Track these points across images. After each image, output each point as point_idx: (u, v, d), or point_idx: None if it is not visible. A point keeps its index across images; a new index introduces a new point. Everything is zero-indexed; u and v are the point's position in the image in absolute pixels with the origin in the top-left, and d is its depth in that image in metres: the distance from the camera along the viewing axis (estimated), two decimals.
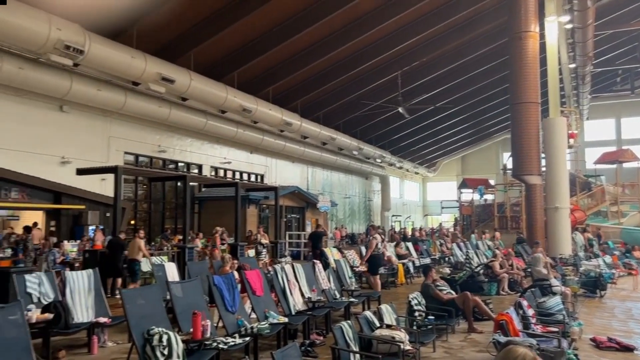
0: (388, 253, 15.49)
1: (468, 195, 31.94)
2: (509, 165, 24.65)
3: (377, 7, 19.38)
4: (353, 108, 27.73)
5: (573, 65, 25.16)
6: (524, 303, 7.49)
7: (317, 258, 13.45)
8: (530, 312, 7.51)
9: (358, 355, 5.44)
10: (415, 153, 42.24)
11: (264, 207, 24.10)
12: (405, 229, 32.39)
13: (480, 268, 13.47)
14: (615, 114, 43.10)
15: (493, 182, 33.81)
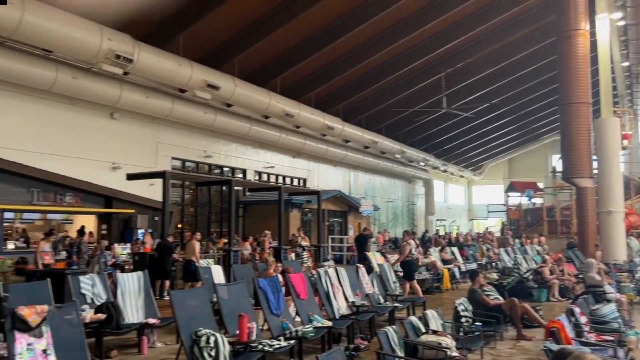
0: (433, 258, 15.30)
1: (516, 199, 31.14)
2: (559, 168, 23.94)
3: (420, 8, 19.19)
4: (395, 111, 27.50)
5: (626, 64, 24.23)
6: (576, 310, 7.21)
7: (362, 261, 13.37)
8: (583, 319, 7.22)
9: None
10: (460, 156, 41.49)
11: (307, 210, 24.21)
12: (450, 234, 31.86)
13: (530, 274, 13.10)
14: None
15: (542, 185, 32.88)
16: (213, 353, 5.23)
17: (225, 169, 22.44)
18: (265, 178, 24.69)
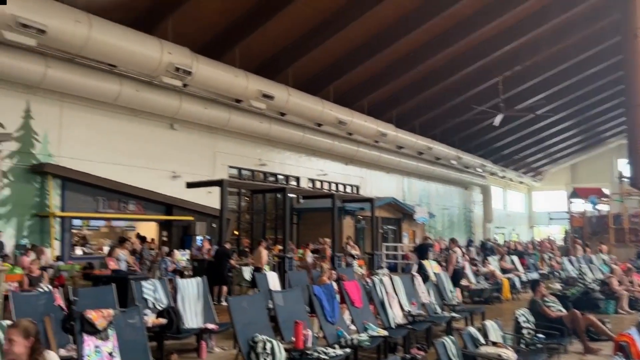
0: (492, 267, 14.88)
1: (579, 206, 29.83)
2: (625, 173, 22.77)
3: (476, 11, 18.78)
4: (450, 116, 26.99)
5: None
6: None
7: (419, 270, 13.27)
8: None
9: None
10: (519, 162, 40.15)
11: (360, 218, 24.11)
12: (510, 242, 30.85)
13: (596, 284, 12.49)
14: None
15: (607, 191, 31.33)
16: (270, 359, 5.29)
17: (280, 177, 22.74)
18: (319, 185, 24.82)
